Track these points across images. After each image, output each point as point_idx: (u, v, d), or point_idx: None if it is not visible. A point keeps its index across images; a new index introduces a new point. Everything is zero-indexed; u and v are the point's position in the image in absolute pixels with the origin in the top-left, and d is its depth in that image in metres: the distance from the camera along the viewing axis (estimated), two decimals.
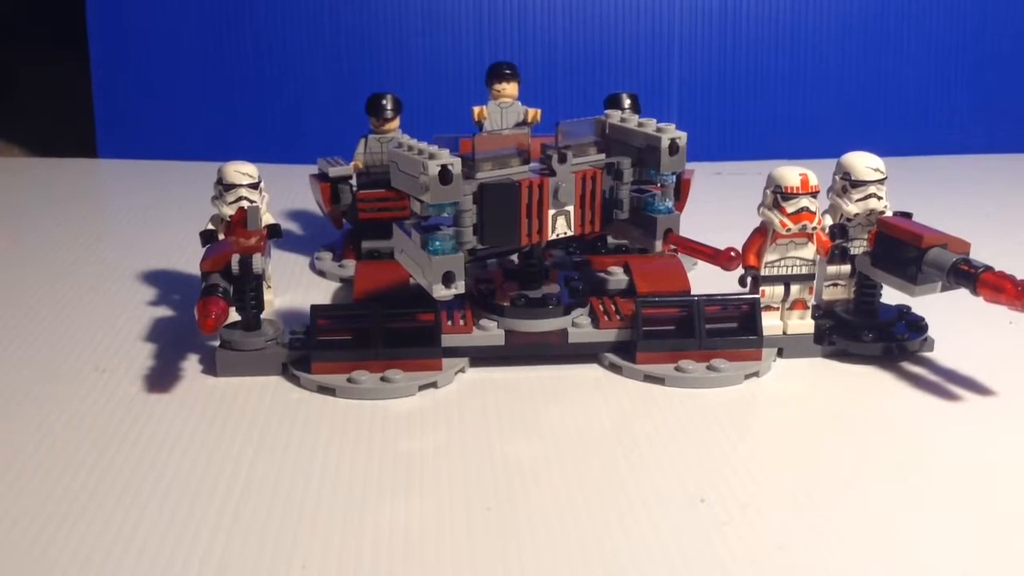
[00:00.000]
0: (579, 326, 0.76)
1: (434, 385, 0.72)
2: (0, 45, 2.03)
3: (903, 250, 0.73)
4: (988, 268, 0.69)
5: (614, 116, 0.79)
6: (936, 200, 1.22)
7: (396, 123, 0.96)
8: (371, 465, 0.62)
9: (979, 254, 0.72)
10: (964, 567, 0.52)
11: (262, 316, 0.76)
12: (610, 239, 0.96)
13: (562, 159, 0.73)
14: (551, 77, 1.45)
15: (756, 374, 0.74)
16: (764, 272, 0.76)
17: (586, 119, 0.78)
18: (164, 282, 0.95)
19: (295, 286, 0.95)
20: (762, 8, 1.46)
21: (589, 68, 1.46)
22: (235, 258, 0.72)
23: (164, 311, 0.88)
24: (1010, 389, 0.72)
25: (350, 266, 0.96)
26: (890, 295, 0.77)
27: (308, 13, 1.44)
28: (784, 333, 0.77)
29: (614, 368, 0.75)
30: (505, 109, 0.96)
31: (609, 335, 0.76)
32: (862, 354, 0.77)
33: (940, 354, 0.78)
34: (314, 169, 1.01)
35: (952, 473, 0.61)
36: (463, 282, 0.69)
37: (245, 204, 0.80)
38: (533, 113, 0.96)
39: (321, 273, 0.99)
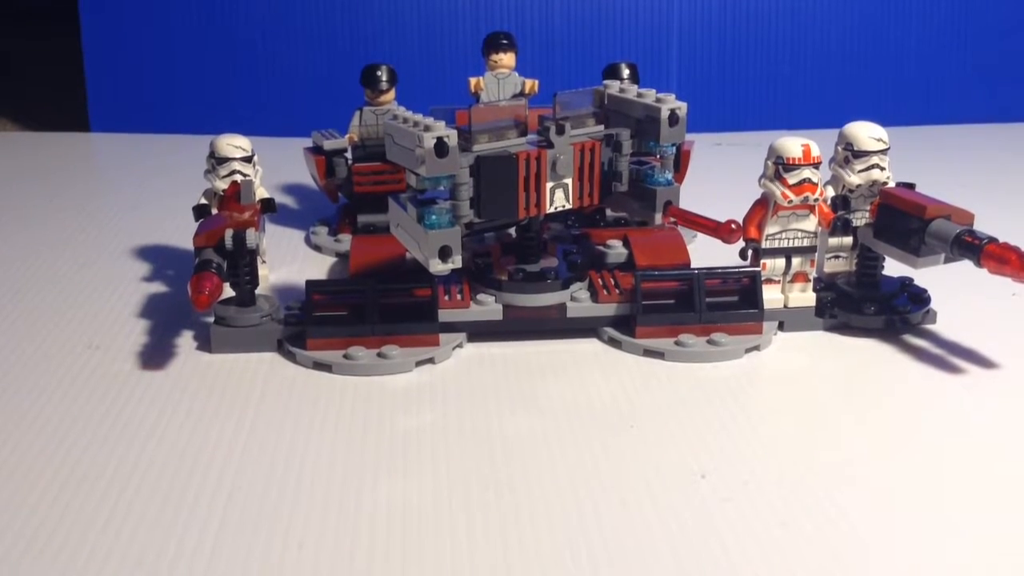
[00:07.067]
0: (578, 300, 0.76)
1: (431, 361, 0.72)
2: None
3: (906, 221, 0.72)
4: (992, 239, 0.68)
5: (612, 86, 0.78)
6: (939, 170, 1.21)
7: (391, 95, 0.95)
8: (368, 443, 0.61)
9: (983, 225, 0.71)
10: (967, 540, 0.52)
11: (257, 292, 0.75)
12: (609, 212, 0.95)
13: (560, 131, 0.72)
14: (548, 47, 1.44)
15: (757, 348, 0.74)
16: (765, 244, 0.75)
17: (584, 90, 0.77)
18: (157, 257, 0.94)
19: (290, 261, 0.94)
20: None
21: (587, 38, 1.45)
22: (229, 233, 0.72)
23: (157, 287, 0.87)
24: (1013, 361, 0.71)
25: (346, 240, 0.95)
26: (892, 267, 0.76)
27: None
28: (785, 306, 0.77)
29: (613, 343, 0.75)
30: (502, 80, 0.95)
31: (608, 309, 0.75)
32: (864, 327, 0.76)
33: (943, 326, 0.77)
34: (308, 142, 1.00)
35: (955, 446, 0.61)
36: (460, 256, 0.68)
37: (238, 178, 0.80)
38: (530, 84, 0.95)
39: (317, 248, 0.98)
